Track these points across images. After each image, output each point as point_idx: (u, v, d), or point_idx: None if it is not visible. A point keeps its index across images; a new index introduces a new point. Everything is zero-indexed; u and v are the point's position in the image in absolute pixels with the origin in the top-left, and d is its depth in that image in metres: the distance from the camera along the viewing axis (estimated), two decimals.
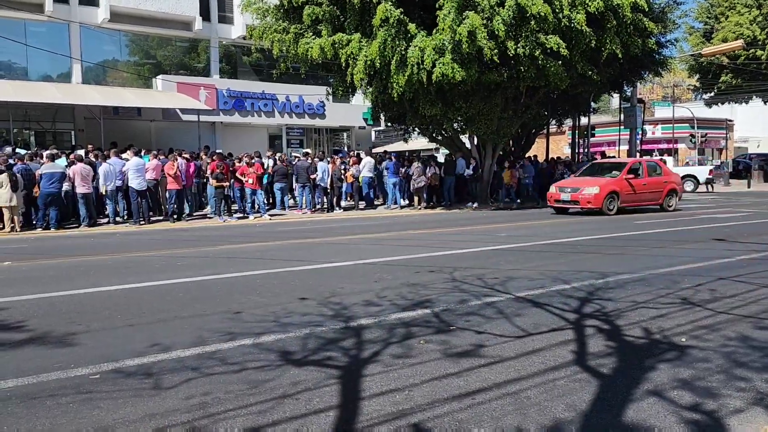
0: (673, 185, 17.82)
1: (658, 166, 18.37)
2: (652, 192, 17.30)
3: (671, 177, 18.11)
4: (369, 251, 9.98)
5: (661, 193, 17.48)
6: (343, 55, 17.17)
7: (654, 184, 17.40)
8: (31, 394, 3.62)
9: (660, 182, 17.58)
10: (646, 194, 17.22)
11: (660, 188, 17.46)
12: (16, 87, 20.77)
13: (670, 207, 17.52)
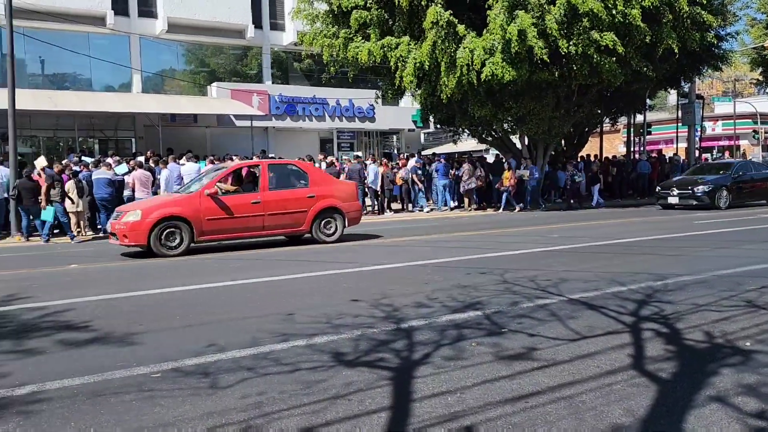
0: (330, 201, 11.54)
1: (301, 171, 11.96)
2: (282, 214, 11.15)
3: (328, 188, 11.83)
4: (419, 253, 9.97)
5: (303, 215, 11.30)
6: (392, 58, 17.25)
7: (287, 202, 11.26)
8: (97, 391, 3.77)
9: (299, 198, 11.36)
10: (266, 218, 10.98)
11: (301, 207, 11.32)
12: (81, 97, 21.69)
13: (329, 237, 11.49)
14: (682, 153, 28.05)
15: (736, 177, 18.48)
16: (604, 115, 24.53)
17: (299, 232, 11.55)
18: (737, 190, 18.41)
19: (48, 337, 5.06)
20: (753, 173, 19.18)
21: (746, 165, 19.85)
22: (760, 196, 19.30)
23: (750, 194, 18.98)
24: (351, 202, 12.08)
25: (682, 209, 18.06)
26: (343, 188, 12.34)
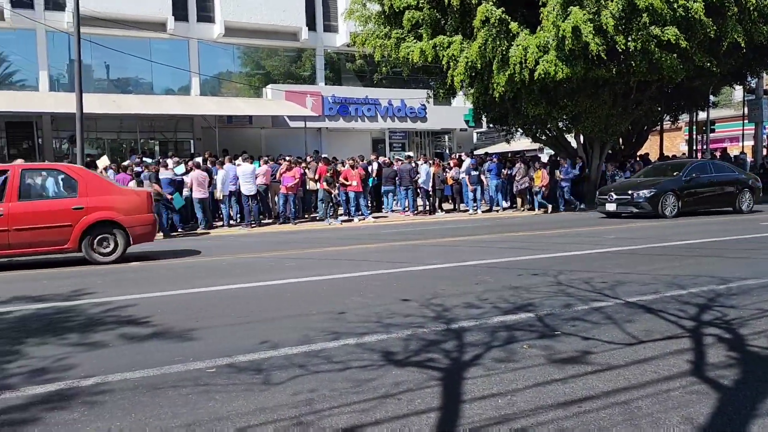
0: (105, 214, 9.65)
1: (70, 178, 9.81)
2: (34, 229, 9.29)
3: (105, 199, 9.78)
4: (470, 253, 9.90)
5: (68, 230, 9.48)
6: (443, 57, 17.19)
7: (42, 215, 9.36)
8: (156, 384, 3.91)
9: (61, 211, 9.51)
10: (11, 234, 9.16)
11: (64, 221, 9.45)
12: (143, 101, 22.49)
13: (106, 257, 9.74)
14: (749, 151, 26.88)
15: (689, 180, 15.86)
16: (664, 112, 23.74)
17: (64, 250, 9.62)
18: (689, 195, 15.78)
19: (111, 331, 5.28)
20: (712, 176, 16.38)
21: (703, 166, 16.91)
22: (719, 203, 16.52)
23: (707, 200, 16.26)
24: (137, 215, 10.03)
25: (627, 217, 15.68)
26: (128, 199, 10.14)
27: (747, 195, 16.49)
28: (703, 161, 19.03)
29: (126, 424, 3.29)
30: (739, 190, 16.46)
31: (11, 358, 4.53)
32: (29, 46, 22.44)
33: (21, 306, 6.48)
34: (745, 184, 16.65)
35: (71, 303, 6.56)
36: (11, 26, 21.64)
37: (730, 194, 16.44)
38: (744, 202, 16.38)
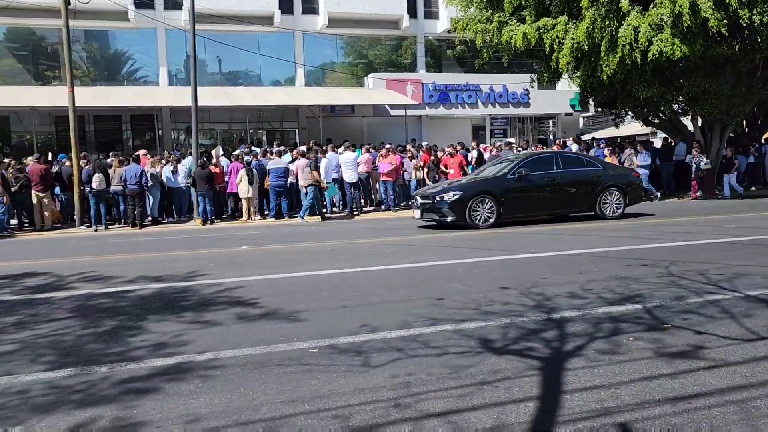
0: None
1: None
2: None
3: None
4: (573, 242, 9.59)
5: None
6: (547, 39, 16.62)
7: None
8: (262, 362, 4.12)
9: None
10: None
11: None
12: (252, 92, 23.49)
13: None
14: None
15: (517, 178, 12.23)
16: None
17: None
18: (517, 199, 12.20)
19: (223, 310, 5.61)
20: (555, 172, 12.63)
21: (544, 160, 13.03)
22: (570, 207, 12.93)
23: (547, 204, 12.62)
24: None
25: (439, 228, 12.36)
26: None
27: (614, 196, 12.75)
28: (548, 153, 15.04)
29: (236, 398, 3.50)
30: (600, 190, 12.70)
31: (136, 333, 4.93)
32: (151, 44, 24.04)
33: (144, 285, 7.02)
34: (612, 182, 12.86)
35: (187, 283, 7.02)
36: (135, 26, 23.25)
37: (585, 195, 12.76)
38: (608, 206, 12.72)
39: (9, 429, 3.17)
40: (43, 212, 14.97)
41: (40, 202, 14.85)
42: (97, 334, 4.92)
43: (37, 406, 3.46)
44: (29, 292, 6.87)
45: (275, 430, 3.06)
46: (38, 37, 23.85)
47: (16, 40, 23.69)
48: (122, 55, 25.26)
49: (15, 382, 3.86)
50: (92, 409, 3.38)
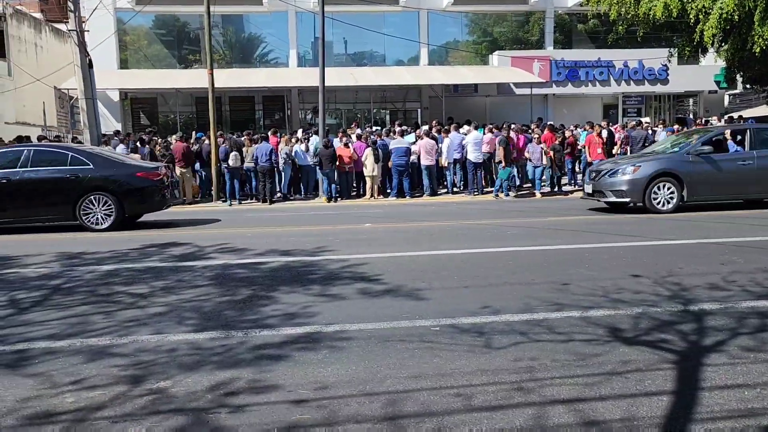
0: None
1: None
2: None
3: None
4: (713, 230, 8.90)
5: None
6: (692, 10, 15.39)
7: None
8: (386, 337, 4.23)
9: None
10: None
11: None
12: (376, 72, 23.84)
13: None
14: None
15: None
16: None
17: None
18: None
19: (348, 285, 5.80)
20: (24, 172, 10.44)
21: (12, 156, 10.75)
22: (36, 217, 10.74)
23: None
24: None
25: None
26: None
27: (102, 203, 10.51)
28: (20, 147, 11.56)
29: (360, 369, 3.63)
30: (78, 197, 10.48)
31: (268, 302, 5.24)
32: (281, 27, 25.04)
33: (274, 258, 7.41)
34: (100, 187, 10.54)
35: (313, 258, 7.33)
36: (267, 10, 24.31)
37: (56, 205, 10.59)
38: (96, 217, 10.53)
39: (161, 382, 3.50)
40: (185, 187, 16.20)
41: (182, 177, 16.07)
42: (234, 302, 5.28)
43: (183, 364, 3.79)
44: (174, 260, 7.49)
45: (399, 404, 3.14)
46: (182, 23, 25.62)
47: (162, 27, 25.61)
48: (255, 39, 26.54)
49: (164, 341, 4.24)
50: (231, 371, 3.65)
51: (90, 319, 4.88)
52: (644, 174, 11.12)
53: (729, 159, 11.38)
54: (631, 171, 11.26)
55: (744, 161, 11.29)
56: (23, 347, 4.21)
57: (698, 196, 11.22)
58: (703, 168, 11.17)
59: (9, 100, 22.47)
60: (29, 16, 25.11)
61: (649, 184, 11.05)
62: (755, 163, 11.25)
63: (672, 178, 11.08)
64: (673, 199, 11.07)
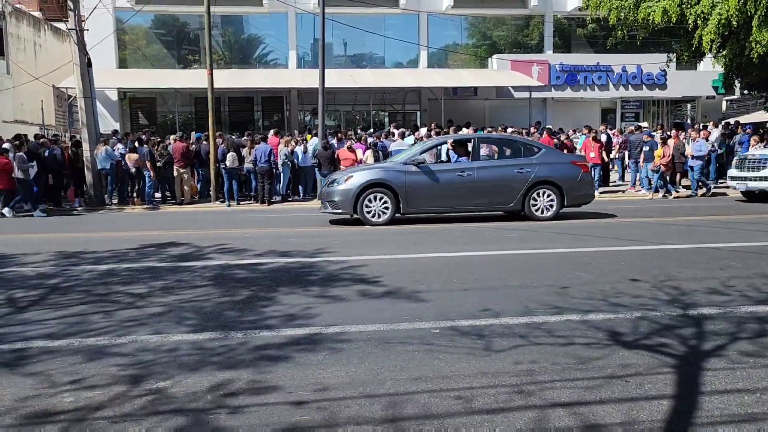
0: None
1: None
2: None
3: None
4: (712, 234, 8.92)
5: None
6: (690, 15, 15.46)
7: None
8: (386, 338, 4.23)
9: None
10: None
11: None
12: (376, 74, 23.85)
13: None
14: None
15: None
16: None
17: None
18: None
19: (347, 287, 5.80)
20: None
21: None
22: None
23: None
24: None
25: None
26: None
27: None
28: None
29: (360, 371, 3.63)
30: None
31: (267, 303, 5.23)
32: (281, 28, 25.04)
33: (273, 259, 7.40)
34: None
35: (313, 259, 7.32)
36: (267, 11, 24.31)
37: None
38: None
39: (161, 383, 3.49)
40: (183, 187, 16.17)
41: (180, 178, 16.05)
42: (233, 302, 5.27)
43: (182, 365, 3.78)
44: (173, 260, 7.48)
45: (399, 406, 3.14)
46: (181, 23, 25.60)
47: (162, 27, 25.60)
48: (255, 39, 26.54)
49: (165, 341, 4.23)
50: (231, 371, 3.64)
51: (89, 318, 4.86)
52: (355, 185, 10.56)
53: (448, 170, 10.99)
54: (344, 181, 10.76)
55: (463, 172, 10.84)
56: (21, 346, 4.20)
57: (416, 207, 10.76)
58: (420, 179, 10.65)
59: (7, 98, 22.40)
60: (28, 15, 25.05)
61: (360, 195, 10.49)
62: (475, 174, 10.79)
63: (386, 189, 10.55)
64: (388, 211, 10.58)
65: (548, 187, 10.90)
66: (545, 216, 10.87)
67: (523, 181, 10.83)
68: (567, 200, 10.99)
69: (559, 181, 10.92)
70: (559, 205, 10.93)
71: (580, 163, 11.46)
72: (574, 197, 11.08)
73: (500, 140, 12.75)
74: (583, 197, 11.29)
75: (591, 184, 11.73)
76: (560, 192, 10.91)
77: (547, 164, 11.01)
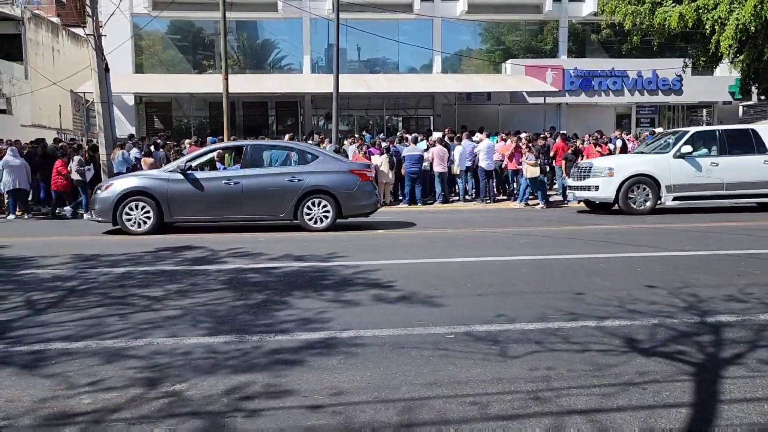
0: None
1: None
2: None
3: None
4: (731, 241, 8.83)
5: None
6: (708, 21, 15.36)
7: None
8: (400, 343, 4.22)
9: None
10: None
11: None
12: (389, 79, 23.91)
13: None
14: None
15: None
16: None
17: None
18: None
19: (362, 291, 5.80)
20: None
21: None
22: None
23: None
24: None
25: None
26: None
27: None
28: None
29: (376, 376, 3.62)
30: None
31: (282, 307, 5.24)
32: (296, 34, 25.19)
33: (287, 263, 7.43)
34: None
35: (327, 264, 7.33)
36: (282, 16, 24.46)
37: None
38: None
39: (177, 385, 3.51)
40: None
41: None
42: (248, 306, 5.30)
43: (198, 368, 3.80)
44: (188, 263, 7.53)
45: (415, 411, 3.13)
46: (197, 28, 25.84)
47: (177, 32, 25.85)
48: (269, 44, 26.72)
49: (180, 344, 4.26)
50: (246, 375, 3.65)
51: (105, 321, 4.91)
52: (114, 192, 10.36)
53: (214, 178, 10.67)
54: (104, 188, 10.62)
55: (230, 181, 10.54)
56: (40, 348, 4.24)
57: (180, 216, 10.53)
58: (183, 187, 10.37)
59: (26, 102, 22.71)
60: (47, 21, 25.41)
61: (119, 203, 10.29)
62: (243, 183, 10.47)
63: (148, 197, 10.33)
64: (149, 220, 10.32)
65: (322, 197, 10.52)
66: (318, 227, 10.51)
67: (294, 190, 10.44)
68: (343, 210, 10.65)
69: (334, 190, 10.53)
70: (335, 216, 10.57)
71: (358, 172, 10.92)
72: (350, 207, 10.70)
73: (275, 147, 12.35)
74: (361, 208, 10.89)
75: (371, 194, 11.00)
76: (336, 201, 10.56)
77: (322, 173, 10.60)
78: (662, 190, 12.52)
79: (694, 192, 12.59)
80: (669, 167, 12.50)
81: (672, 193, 12.54)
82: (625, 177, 12.54)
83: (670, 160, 12.55)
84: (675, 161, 12.50)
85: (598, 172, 12.82)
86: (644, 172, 12.55)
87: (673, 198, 12.62)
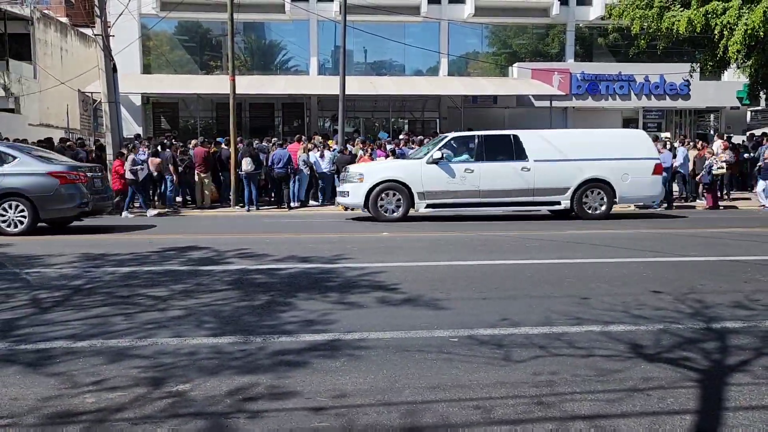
0: None
1: None
2: None
3: None
4: (738, 247, 8.79)
5: None
6: (716, 25, 15.30)
7: None
8: (404, 346, 4.22)
9: None
10: None
11: None
12: (396, 82, 23.94)
13: None
14: None
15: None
16: None
17: None
18: None
19: (366, 293, 5.80)
20: None
21: None
22: None
23: None
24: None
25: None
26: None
27: None
28: None
29: (379, 378, 3.62)
30: None
31: (286, 308, 5.25)
32: (303, 35, 25.27)
33: (292, 264, 7.43)
34: None
35: (331, 265, 7.33)
36: (289, 18, 24.55)
37: None
38: None
39: (180, 386, 3.51)
40: (203, 191, 16.33)
41: (201, 182, 16.20)
42: (252, 307, 5.30)
43: (202, 368, 3.81)
44: (193, 264, 7.54)
45: (418, 414, 3.12)
46: (204, 29, 25.94)
47: (185, 33, 25.96)
48: (276, 46, 26.80)
49: (184, 345, 4.27)
50: (250, 376, 3.65)
51: (110, 320, 4.92)
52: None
53: None
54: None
55: None
56: (45, 346, 4.25)
57: None
58: None
59: (34, 102, 22.84)
60: (56, 21, 25.54)
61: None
62: None
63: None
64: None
65: (18, 199, 10.25)
66: (13, 231, 10.24)
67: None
68: (40, 213, 10.38)
69: (29, 192, 10.27)
70: (32, 219, 10.32)
71: (57, 174, 10.54)
72: (48, 211, 10.45)
73: None
74: (60, 211, 10.64)
75: (71, 197, 10.60)
76: (32, 204, 10.24)
77: (17, 175, 10.30)
78: (415, 197, 12.22)
79: (447, 199, 12.23)
80: (421, 173, 12.11)
81: (425, 200, 12.19)
82: (374, 183, 12.15)
83: (423, 166, 12.19)
84: (428, 167, 12.14)
85: (351, 178, 12.53)
86: (394, 177, 12.13)
87: (426, 205, 12.28)
